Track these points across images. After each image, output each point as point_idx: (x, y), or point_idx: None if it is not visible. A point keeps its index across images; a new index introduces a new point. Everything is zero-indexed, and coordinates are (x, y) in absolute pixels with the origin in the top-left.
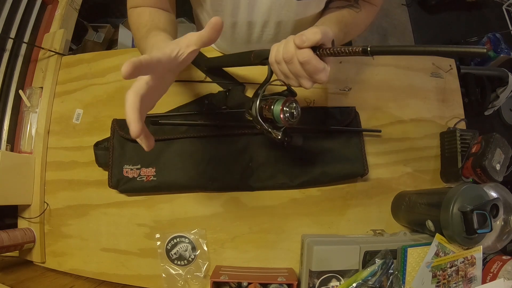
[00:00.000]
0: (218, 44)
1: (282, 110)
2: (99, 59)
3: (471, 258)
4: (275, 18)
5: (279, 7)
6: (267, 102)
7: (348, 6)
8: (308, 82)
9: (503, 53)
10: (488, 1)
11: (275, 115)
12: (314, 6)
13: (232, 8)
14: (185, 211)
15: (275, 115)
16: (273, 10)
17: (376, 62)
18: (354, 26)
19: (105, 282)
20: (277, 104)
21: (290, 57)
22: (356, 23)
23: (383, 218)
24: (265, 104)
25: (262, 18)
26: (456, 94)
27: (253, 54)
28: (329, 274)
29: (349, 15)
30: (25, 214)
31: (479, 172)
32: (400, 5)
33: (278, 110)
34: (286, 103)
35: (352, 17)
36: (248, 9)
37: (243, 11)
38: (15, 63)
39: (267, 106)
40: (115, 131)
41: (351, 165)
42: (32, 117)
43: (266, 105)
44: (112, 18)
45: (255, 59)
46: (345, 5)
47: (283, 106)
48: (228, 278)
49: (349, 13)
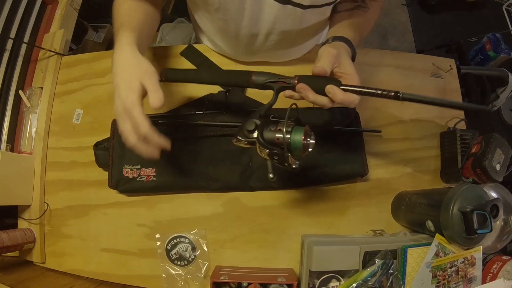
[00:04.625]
0: (220, 49)
1: (304, 142)
2: (99, 59)
3: (471, 258)
4: (279, 27)
5: (284, 17)
6: (276, 127)
7: (356, 7)
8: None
9: (503, 53)
10: (488, 1)
11: (294, 144)
12: (320, 14)
13: (236, 16)
14: (185, 211)
15: (294, 144)
16: (278, 20)
17: (376, 62)
18: (365, 25)
19: (105, 282)
20: (297, 133)
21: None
22: (366, 22)
23: (383, 218)
24: (273, 129)
25: (266, 27)
26: (456, 94)
27: (253, 79)
28: (329, 275)
29: (359, 16)
30: (25, 215)
31: (479, 172)
32: (400, 5)
33: (299, 139)
34: (308, 133)
35: (362, 17)
36: (252, 19)
37: (247, 20)
38: (15, 63)
39: (277, 132)
40: (115, 131)
41: (351, 165)
42: (32, 117)
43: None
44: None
45: (256, 84)
46: (353, 6)
47: (305, 137)
48: (228, 278)
49: (358, 14)
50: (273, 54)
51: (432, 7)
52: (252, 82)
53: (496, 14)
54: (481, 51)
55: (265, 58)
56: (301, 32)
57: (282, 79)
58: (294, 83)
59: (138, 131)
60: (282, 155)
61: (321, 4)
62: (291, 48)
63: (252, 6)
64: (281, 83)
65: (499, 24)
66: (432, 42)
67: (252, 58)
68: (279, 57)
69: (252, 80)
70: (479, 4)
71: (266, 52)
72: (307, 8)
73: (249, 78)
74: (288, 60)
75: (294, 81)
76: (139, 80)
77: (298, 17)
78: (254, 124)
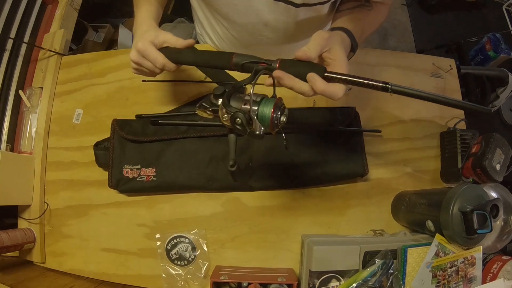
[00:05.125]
0: (219, 45)
1: (273, 114)
2: (99, 59)
3: (471, 258)
4: (274, 24)
5: (278, 14)
6: (244, 96)
7: (359, 5)
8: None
9: (503, 53)
10: (488, 1)
11: (262, 114)
12: (314, 12)
13: (228, 11)
14: (185, 211)
15: (262, 114)
16: (272, 16)
17: (376, 62)
18: (368, 23)
19: (105, 282)
20: (266, 104)
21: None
22: (369, 21)
23: (383, 218)
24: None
25: (261, 23)
26: (456, 94)
27: (234, 60)
28: (329, 274)
29: (361, 14)
30: (25, 215)
31: (479, 172)
32: (400, 5)
33: (267, 112)
34: (278, 106)
35: (365, 15)
36: (245, 14)
37: (240, 16)
38: (15, 63)
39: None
40: (115, 131)
41: (351, 165)
42: (32, 117)
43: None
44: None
45: (236, 65)
46: (355, 5)
47: (275, 110)
48: (228, 278)
49: (360, 12)
50: (272, 51)
51: (432, 7)
52: (233, 63)
53: (496, 14)
54: (481, 51)
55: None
56: (298, 29)
57: (263, 61)
58: (275, 67)
59: (156, 64)
60: (246, 118)
61: (314, 3)
62: (289, 45)
63: (242, 1)
64: (261, 64)
65: (499, 24)
66: (432, 42)
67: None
68: (278, 55)
69: (232, 62)
70: (479, 4)
71: (264, 49)
72: (300, 6)
73: (230, 59)
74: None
75: (276, 64)
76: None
77: (292, 15)
78: (223, 89)
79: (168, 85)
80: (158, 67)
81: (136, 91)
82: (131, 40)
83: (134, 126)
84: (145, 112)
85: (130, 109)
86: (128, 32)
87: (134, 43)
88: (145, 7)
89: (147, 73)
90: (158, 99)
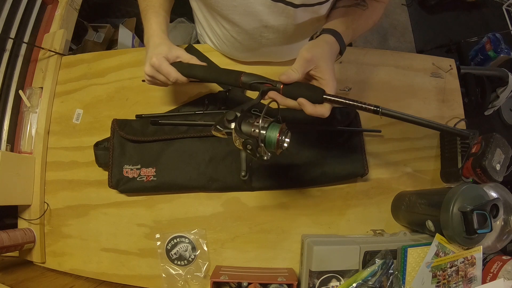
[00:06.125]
0: (220, 47)
1: (278, 138)
2: (99, 59)
3: (471, 258)
4: (273, 24)
5: (277, 14)
6: (254, 120)
7: (355, 4)
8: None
9: (503, 53)
10: (488, 1)
11: (269, 139)
12: (314, 12)
13: (227, 13)
14: (185, 211)
15: (269, 139)
16: (271, 17)
17: (376, 62)
18: (362, 22)
19: (105, 282)
20: (273, 129)
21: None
22: (363, 19)
23: (383, 218)
24: (251, 122)
25: (260, 24)
26: (456, 94)
27: (242, 79)
28: (329, 274)
29: (355, 13)
30: (25, 214)
31: (479, 172)
32: (400, 5)
33: (274, 136)
34: (283, 131)
35: (359, 14)
36: (244, 15)
37: (239, 17)
38: (15, 63)
39: (254, 126)
40: (115, 131)
41: (351, 165)
42: (32, 117)
43: (252, 124)
44: (112, 18)
45: (244, 84)
46: (352, 3)
47: (280, 135)
48: (228, 278)
49: (355, 11)
50: (272, 52)
51: (432, 7)
52: (241, 82)
53: (496, 14)
54: (481, 51)
55: (264, 57)
56: (298, 30)
57: (269, 82)
58: (279, 87)
59: (169, 78)
60: (255, 145)
61: (313, 3)
62: (289, 46)
63: (242, 3)
64: (267, 85)
65: (499, 24)
66: (432, 42)
67: (251, 58)
68: (279, 56)
69: (241, 80)
70: (479, 4)
71: (265, 50)
72: (299, 6)
73: (239, 78)
74: (288, 60)
75: (280, 85)
76: (165, 52)
77: (291, 15)
78: (234, 115)
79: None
80: (171, 80)
81: (136, 91)
82: (131, 40)
83: (134, 126)
84: (145, 112)
85: (130, 109)
86: (128, 32)
87: (149, 57)
88: (154, 19)
89: (160, 84)
90: (158, 99)
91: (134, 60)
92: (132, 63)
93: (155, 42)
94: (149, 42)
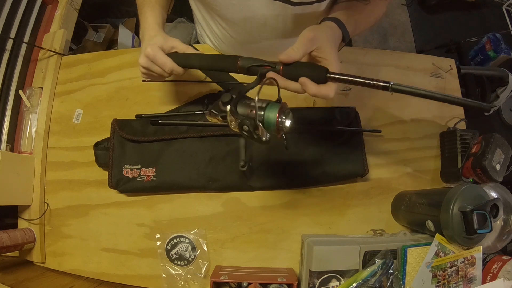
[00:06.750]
0: (219, 46)
1: (278, 119)
2: (99, 59)
3: (471, 258)
4: (272, 22)
5: (276, 13)
6: (251, 101)
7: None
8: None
9: (503, 53)
10: (488, 1)
11: (268, 120)
12: (313, 10)
13: (226, 12)
14: (185, 211)
15: (268, 120)
16: (269, 15)
17: (376, 62)
18: (364, 16)
19: (105, 282)
20: (271, 109)
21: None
22: (365, 14)
23: (383, 218)
24: (248, 103)
25: (259, 22)
26: (456, 94)
27: (239, 63)
28: (329, 274)
29: (357, 6)
30: (25, 214)
31: (479, 172)
32: (400, 5)
33: (273, 117)
34: (283, 111)
35: (361, 8)
36: (243, 14)
37: (238, 16)
38: (15, 63)
39: (251, 109)
40: (115, 131)
41: (351, 165)
42: (32, 117)
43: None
44: (112, 18)
45: (242, 68)
46: None
47: (280, 115)
48: (228, 278)
49: (356, 5)
50: (271, 51)
51: (432, 7)
52: (238, 66)
53: (496, 14)
54: (481, 51)
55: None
56: (296, 28)
57: (268, 64)
58: (279, 69)
59: (165, 69)
60: (253, 126)
61: (311, 1)
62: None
63: (240, 1)
64: (266, 67)
65: (499, 24)
66: (432, 42)
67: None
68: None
69: (238, 64)
70: (479, 4)
71: (263, 49)
72: (297, 4)
73: (236, 62)
74: None
75: (280, 66)
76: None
77: (290, 13)
78: (230, 97)
79: (168, 85)
80: (166, 72)
81: (136, 91)
82: (131, 40)
83: (134, 126)
84: (145, 112)
85: (130, 109)
86: (128, 32)
87: (143, 49)
88: (150, 13)
89: (156, 77)
90: (158, 99)
91: (134, 60)
92: (132, 63)
93: (150, 35)
94: (144, 36)
